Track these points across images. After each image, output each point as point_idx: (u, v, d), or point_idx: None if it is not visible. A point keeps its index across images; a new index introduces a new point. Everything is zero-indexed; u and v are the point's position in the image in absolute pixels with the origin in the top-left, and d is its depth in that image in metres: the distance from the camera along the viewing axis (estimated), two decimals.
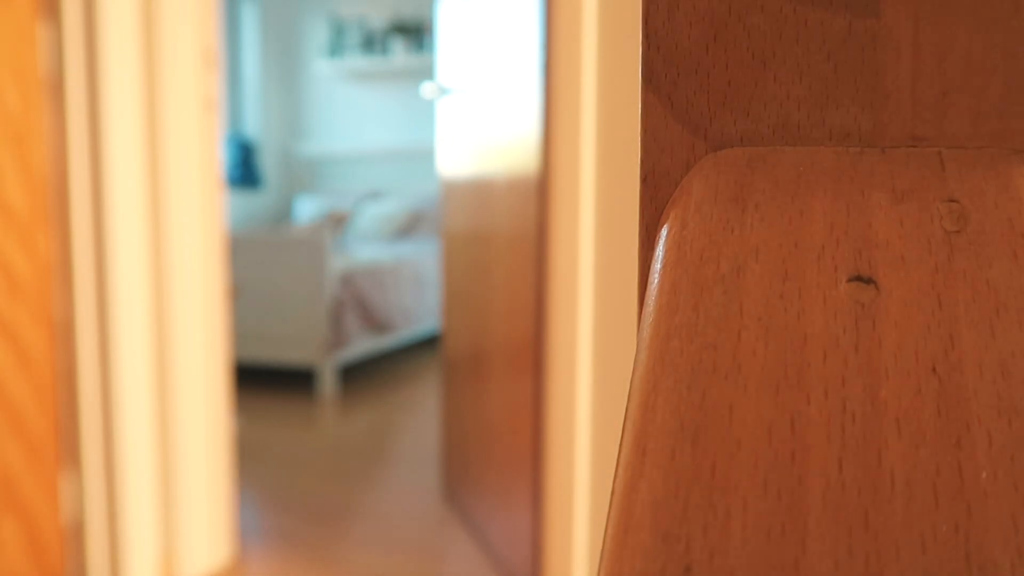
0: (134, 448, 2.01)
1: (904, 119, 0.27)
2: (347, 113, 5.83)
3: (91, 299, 1.92)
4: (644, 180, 0.29)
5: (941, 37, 0.26)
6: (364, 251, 4.73)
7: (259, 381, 4.03)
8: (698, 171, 0.28)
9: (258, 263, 3.87)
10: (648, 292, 0.26)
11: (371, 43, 5.69)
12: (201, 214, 2.12)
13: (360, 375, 4.30)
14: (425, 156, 5.78)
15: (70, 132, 1.84)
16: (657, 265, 0.26)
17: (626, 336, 1.82)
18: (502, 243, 2.36)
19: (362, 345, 4.20)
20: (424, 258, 4.76)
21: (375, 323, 4.30)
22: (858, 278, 0.23)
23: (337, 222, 5.07)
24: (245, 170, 5.48)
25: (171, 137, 2.03)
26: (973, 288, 0.23)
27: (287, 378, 4.11)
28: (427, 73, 5.52)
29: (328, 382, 3.94)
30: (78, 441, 1.91)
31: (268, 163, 5.80)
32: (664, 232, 0.27)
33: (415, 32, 5.64)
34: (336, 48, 5.74)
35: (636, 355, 0.24)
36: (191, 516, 2.17)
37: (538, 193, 2.08)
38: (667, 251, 0.26)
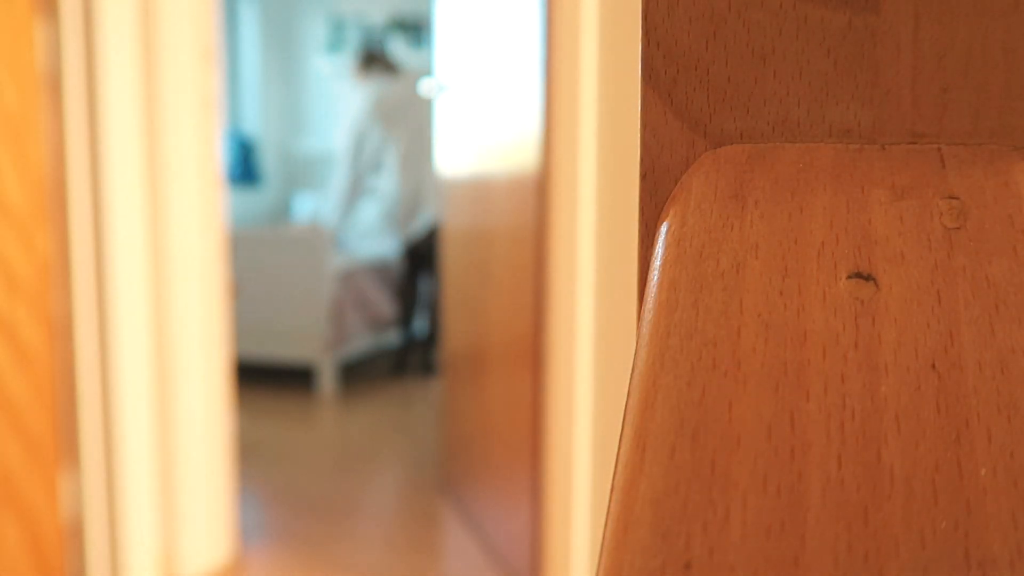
0: (134, 446, 2.01)
1: (904, 116, 0.27)
2: (347, 110, 5.83)
3: (90, 297, 1.91)
4: (644, 177, 0.29)
5: (941, 33, 0.26)
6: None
7: (259, 379, 4.03)
8: (698, 168, 0.28)
9: (258, 260, 3.87)
10: (648, 289, 0.26)
11: (371, 40, 5.69)
12: (200, 211, 2.12)
13: (360, 372, 4.30)
14: None
15: (68, 130, 1.84)
16: (657, 262, 0.26)
17: (626, 333, 1.82)
18: (502, 240, 2.36)
19: (362, 342, 4.20)
20: None
21: (375, 320, 4.29)
22: (858, 275, 0.23)
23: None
24: (244, 167, 5.48)
25: (170, 135, 2.03)
26: (973, 285, 0.23)
27: (287, 375, 4.11)
28: (426, 70, 5.52)
29: (328, 379, 3.94)
30: (77, 439, 1.91)
31: (267, 160, 5.79)
32: (664, 229, 0.27)
33: (414, 29, 5.64)
34: (335, 45, 5.74)
35: (635, 352, 0.24)
36: (191, 514, 2.17)
37: (538, 190, 2.07)
38: (667, 248, 0.26)
